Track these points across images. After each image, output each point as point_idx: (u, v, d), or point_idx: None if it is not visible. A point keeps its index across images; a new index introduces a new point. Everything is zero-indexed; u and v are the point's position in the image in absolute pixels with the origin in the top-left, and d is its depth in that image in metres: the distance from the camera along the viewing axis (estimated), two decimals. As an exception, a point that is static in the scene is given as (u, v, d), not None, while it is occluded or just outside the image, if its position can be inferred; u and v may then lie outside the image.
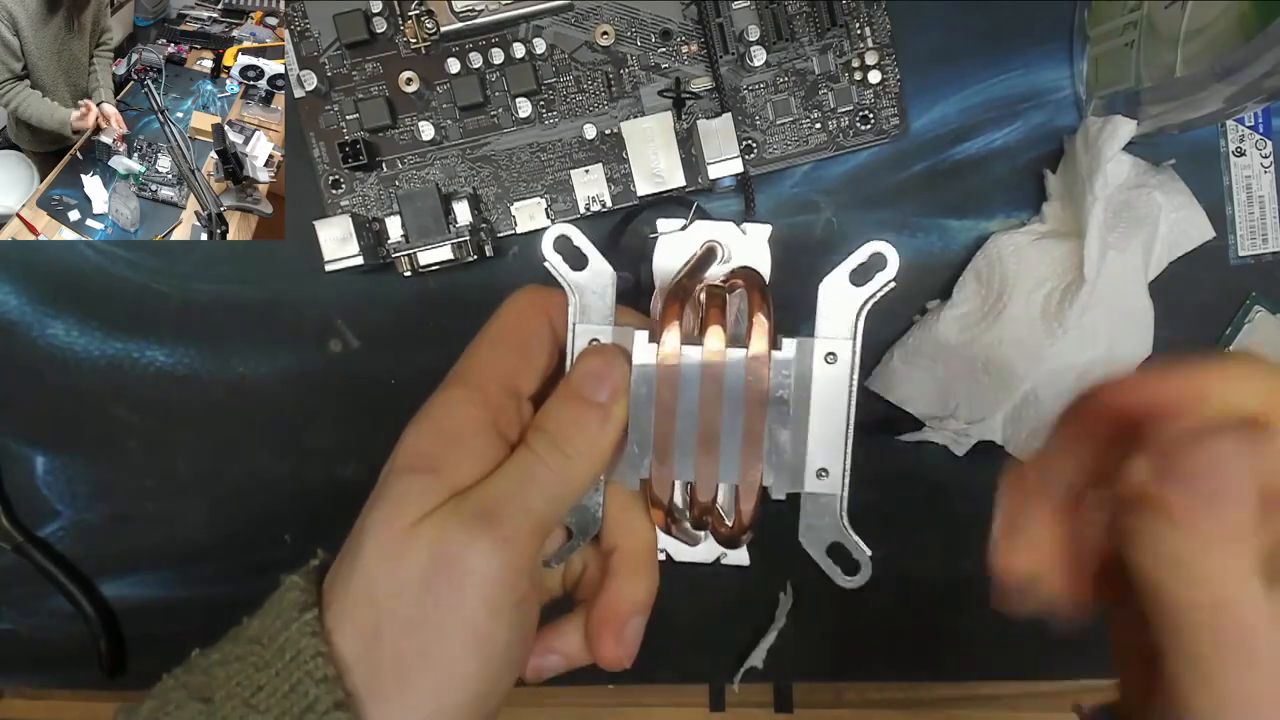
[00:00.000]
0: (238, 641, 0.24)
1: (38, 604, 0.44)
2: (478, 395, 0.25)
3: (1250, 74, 0.29)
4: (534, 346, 0.26)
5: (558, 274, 0.26)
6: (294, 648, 0.23)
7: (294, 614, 0.23)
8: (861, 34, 0.39)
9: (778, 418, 0.26)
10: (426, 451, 0.25)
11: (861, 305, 0.26)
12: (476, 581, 0.23)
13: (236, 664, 0.23)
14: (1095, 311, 0.37)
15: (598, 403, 0.25)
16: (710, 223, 0.28)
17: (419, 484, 0.24)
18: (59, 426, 0.43)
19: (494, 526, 0.23)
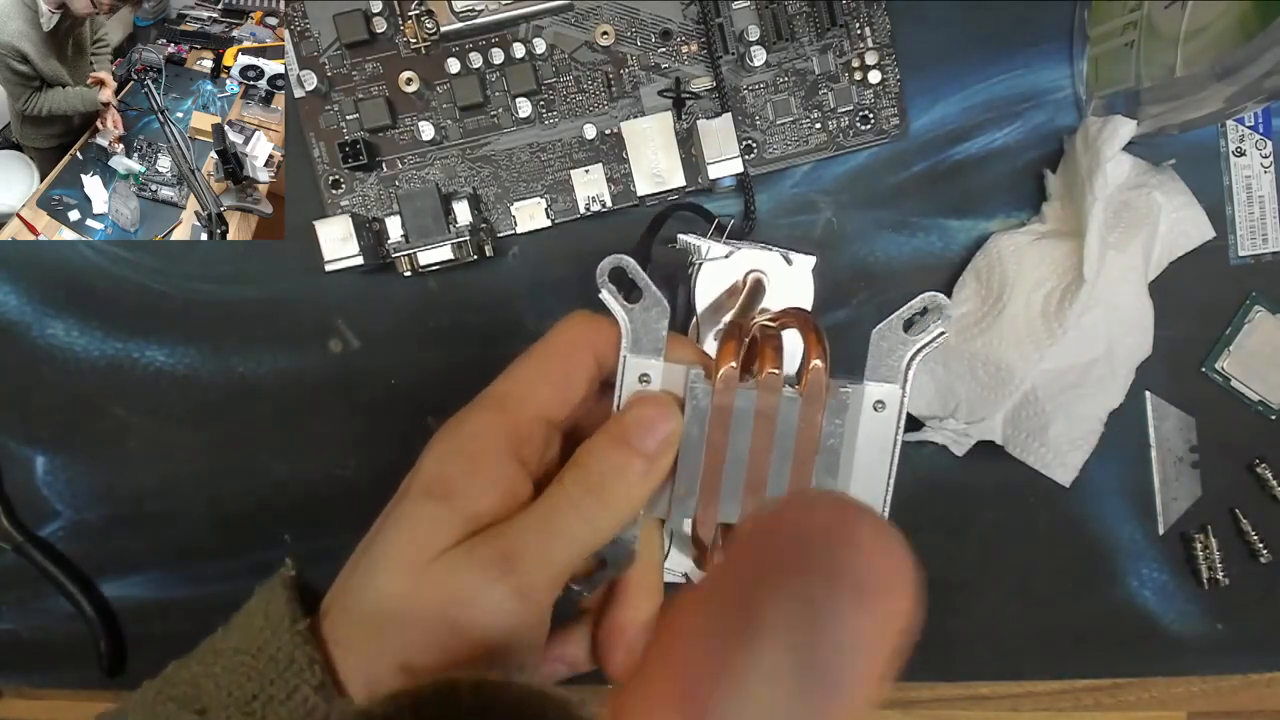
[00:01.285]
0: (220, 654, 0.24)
1: (38, 604, 0.44)
2: (508, 422, 0.25)
3: (1250, 74, 0.29)
4: (575, 378, 0.26)
5: (611, 305, 0.25)
6: (287, 657, 0.23)
7: (285, 624, 0.23)
8: (861, 34, 0.39)
9: (825, 466, 0.25)
10: (444, 476, 0.24)
11: (913, 355, 0.25)
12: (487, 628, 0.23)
13: (225, 675, 0.23)
14: (1095, 311, 0.37)
15: (645, 452, 0.24)
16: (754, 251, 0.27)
17: (433, 512, 0.24)
18: (59, 426, 0.43)
19: (511, 575, 0.23)
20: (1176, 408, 0.42)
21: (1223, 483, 0.42)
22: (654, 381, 0.25)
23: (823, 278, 0.40)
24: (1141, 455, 0.42)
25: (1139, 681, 0.44)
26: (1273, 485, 0.41)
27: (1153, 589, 0.43)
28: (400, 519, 0.24)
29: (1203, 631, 0.43)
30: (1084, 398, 0.38)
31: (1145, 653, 0.43)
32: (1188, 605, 0.43)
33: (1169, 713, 0.45)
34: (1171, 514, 0.42)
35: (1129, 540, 0.42)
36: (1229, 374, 0.41)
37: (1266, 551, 0.42)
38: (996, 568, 0.43)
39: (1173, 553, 0.43)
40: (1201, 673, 0.44)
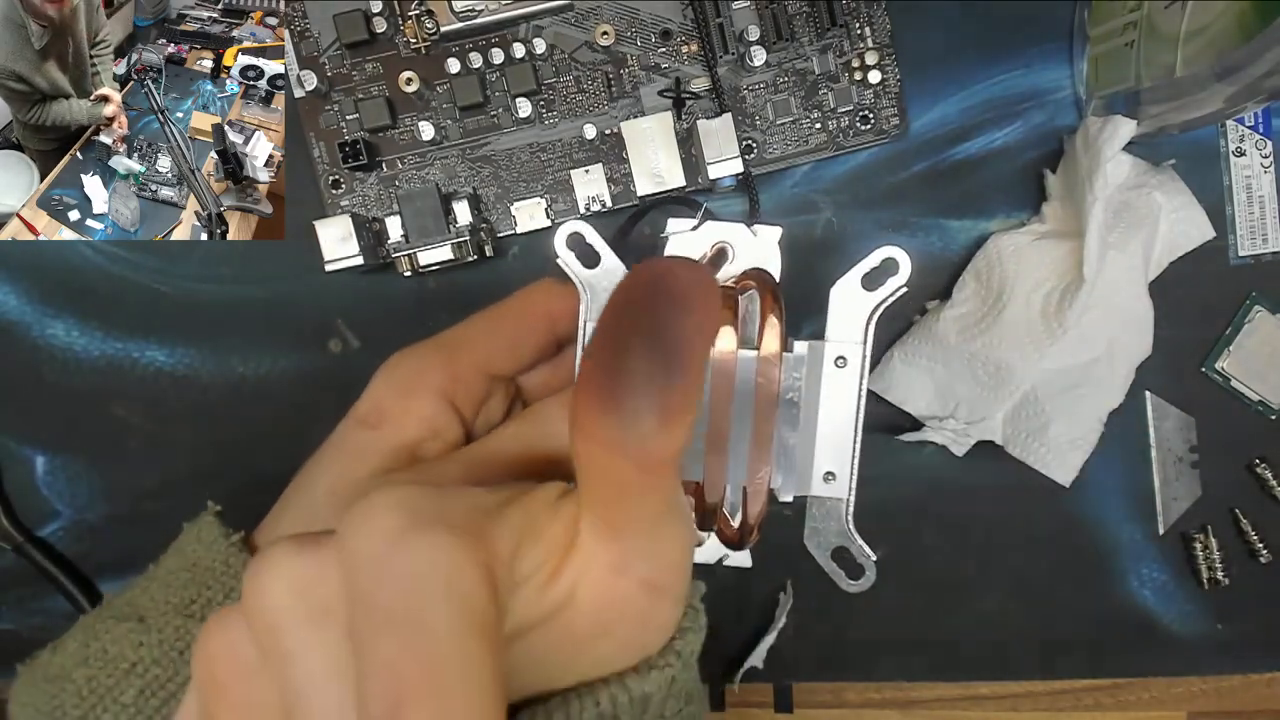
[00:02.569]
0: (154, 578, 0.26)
1: (38, 604, 0.44)
2: (448, 363, 0.26)
3: (1250, 74, 0.29)
4: (525, 337, 0.27)
5: (570, 271, 0.26)
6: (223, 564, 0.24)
7: (220, 540, 0.25)
8: (861, 34, 0.39)
9: (787, 420, 0.26)
10: (377, 406, 0.26)
11: (873, 310, 0.25)
12: None
13: (160, 590, 0.25)
14: (1095, 311, 0.37)
15: None
16: (720, 223, 0.28)
17: (362, 439, 0.25)
18: (59, 426, 0.43)
19: None
20: (1176, 408, 0.42)
21: (1223, 483, 0.42)
22: None
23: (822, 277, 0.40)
24: (1141, 455, 0.42)
25: (1139, 681, 0.44)
26: (1273, 485, 0.41)
27: (1153, 589, 0.43)
28: (334, 443, 0.26)
29: (1203, 631, 0.43)
30: (1084, 398, 0.38)
31: (1145, 653, 0.43)
32: (1188, 605, 0.43)
33: (1169, 713, 0.45)
34: (1171, 514, 0.42)
35: (1129, 540, 0.42)
36: (1229, 374, 0.41)
37: (1266, 551, 0.42)
38: (996, 568, 0.43)
39: (1173, 553, 0.43)
40: (1201, 673, 0.44)
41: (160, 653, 0.24)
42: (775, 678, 0.44)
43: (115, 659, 0.24)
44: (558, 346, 0.28)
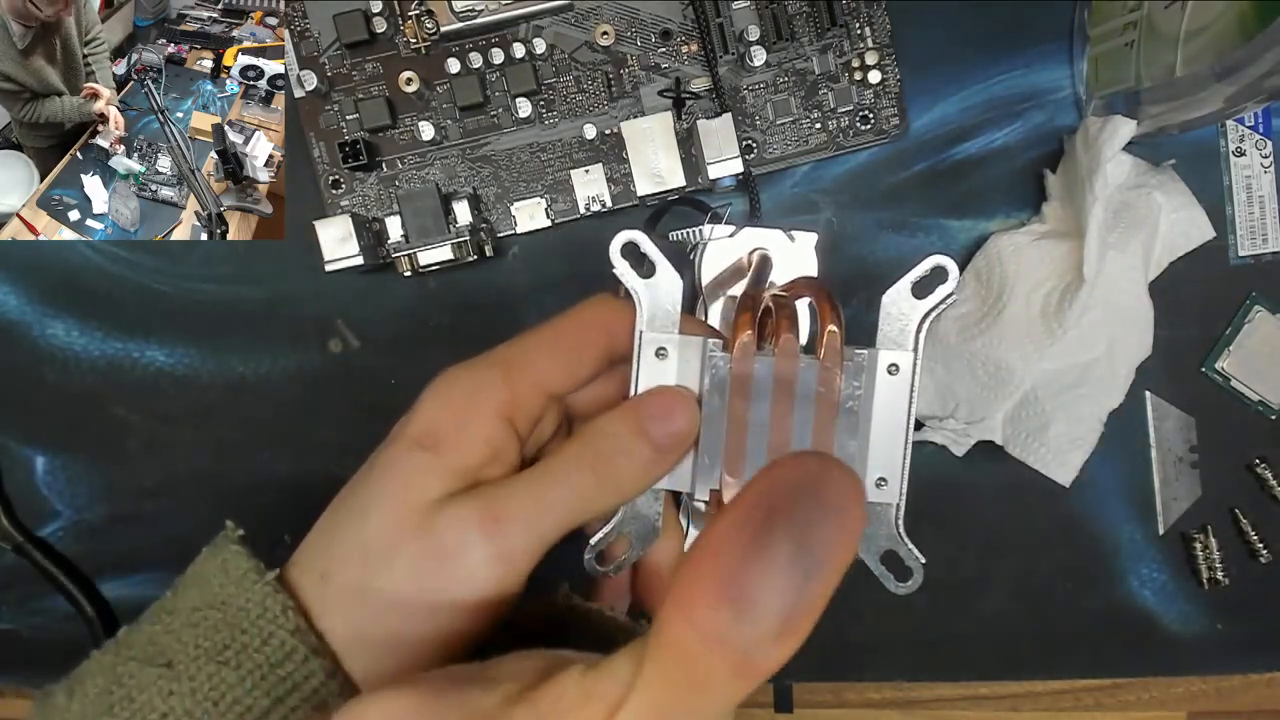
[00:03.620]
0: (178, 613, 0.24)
1: (38, 604, 0.44)
2: (506, 383, 0.25)
3: (1250, 74, 0.29)
4: (584, 355, 0.26)
5: (626, 280, 0.25)
6: (259, 606, 0.23)
7: (253, 577, 0.23)
8: (861, 34, 0.39)
9: (846, 428, 0.25)
10: (434, 427, 0.24)
11: (923, 318, 0.25)
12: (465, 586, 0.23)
13: (188, 630, 0.23)
14: (1095, 311, 0.37)
15: (655, 440, 0.24)
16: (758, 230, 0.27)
17: (423, 462, 0.24)
18: (59, 426, 0.43)
19: (495, 538, 0.23)
20: (1176, 408, 0.42)
21: (1223, 483, 0.42)
22: (670, 355, 0.25)
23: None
24: (1141, 455, 0.42)
25: (1139, 681, 0.44)
26: (1273, 485, 0.41)
27: (1153, 589, 0.43)
28: (388, 466, 0.25)
29: (1203, 631, 0.43)
30: (1084, 398, 0.38)
31: (1145, 653, 0.43)
32: (1188, 605, 0.43)
33: (1169, 713, 0.45)
34: (1171, 514, 0.42)
35: (1129, 540, 0.42)
36: (1229, 374, 0.41)
37: (1266, 551, 0.42)
38: (996, 568, 0.43)
39: (1173, 553, 0.43)
40: (1201, 673, 0.44)
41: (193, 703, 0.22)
42: (775, 678, 0.44)
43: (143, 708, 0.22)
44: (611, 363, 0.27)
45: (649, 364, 0.25)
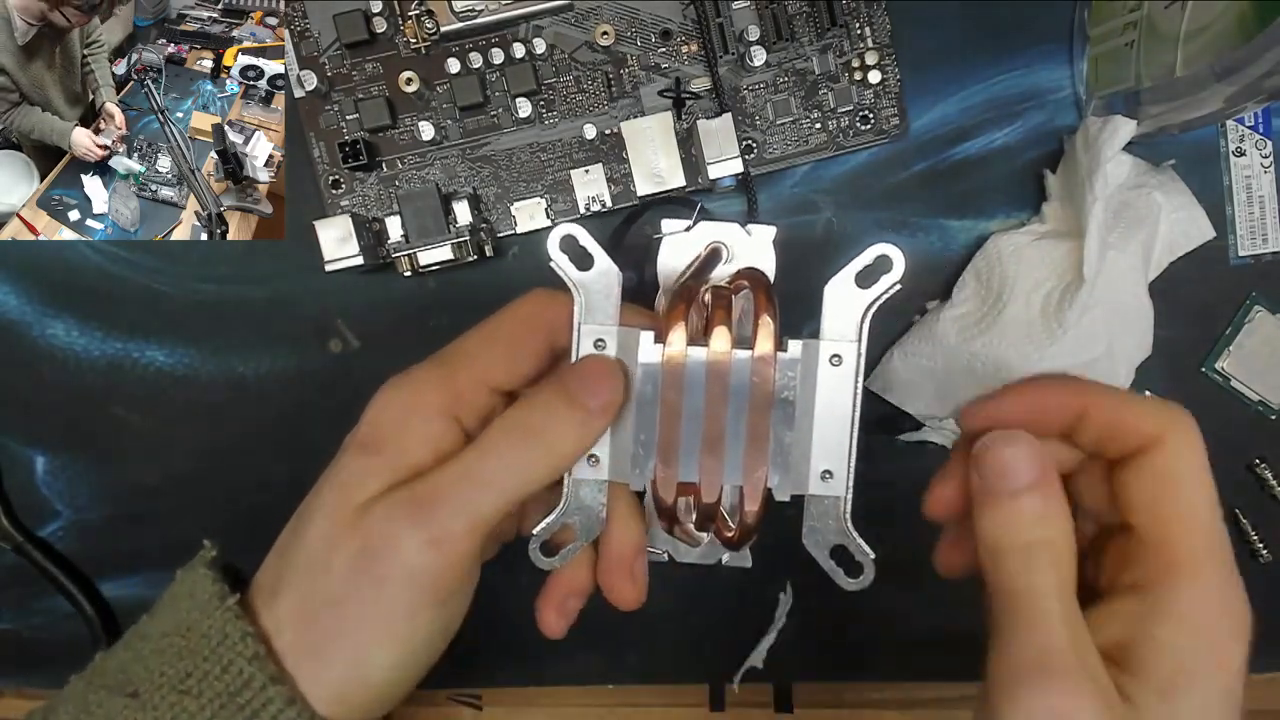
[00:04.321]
0: (146, 639, 0.24)
1: (38, 604, 0.44)
2: (446, 379, 0.25)
3: (1250, 74, 0.29)
4: (524, 348, 0.26)
5: (563, 273, 0.26)
6: (219, 633, 0.23)
7: (215, 603, 0.24)
8: (861, 34, 0.39)
9: (783, 419, 0.26)
10: (377, 429, 0.25)
11: (867, 307, 0.25)
12: (399, 578, 0.23)
13: (155, 658, 0.23)
14: (1095, 312, 0.37)
15: (584, 406, 0.25)
16: (715, 224, 0.27)
17: (364, 464, 0.24)
18: (59, 426, 0.43)
19: (425, 524, 0.23)
20: (1176, 408, 0.42)
21: (1223, 483, 0.41)
22: (608, 347, 0.26)
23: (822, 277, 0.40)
24: (1141, 455, 0.42)
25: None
26: (1273, 485, 0.41)
27: (1153, 589, 0.43)
28: (332, 473, 0.25)
29: (1203, 631, 0.43)
30: (1084, 398, 0.38)
31: (1145, 653, 0.43)
32: (1188, 605, 0.43)
33: (1169, 713, 0.45)
34: (1171, 514, 0.42)
35: (1129, 540, 0.42)
36: (1229, 374, 0.41)
37: (1266, 551, 0.42)
38: (996, 568, 0.43)
39: (1173, 553, 0.43)
40: (1201, 673, 0.44)
41: None
42: (775, 678, 0.44)
43: None
44: (555, 357, 0.27)
45: (587, 355, 0.26)
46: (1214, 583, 0.22)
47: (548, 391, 0.25)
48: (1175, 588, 0.22)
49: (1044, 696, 0.20)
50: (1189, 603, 0.22)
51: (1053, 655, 0.20)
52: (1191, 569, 0.22)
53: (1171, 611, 0.22)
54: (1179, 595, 0.22)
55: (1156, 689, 0.21)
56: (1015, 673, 0.21)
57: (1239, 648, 0.22)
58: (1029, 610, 0.21)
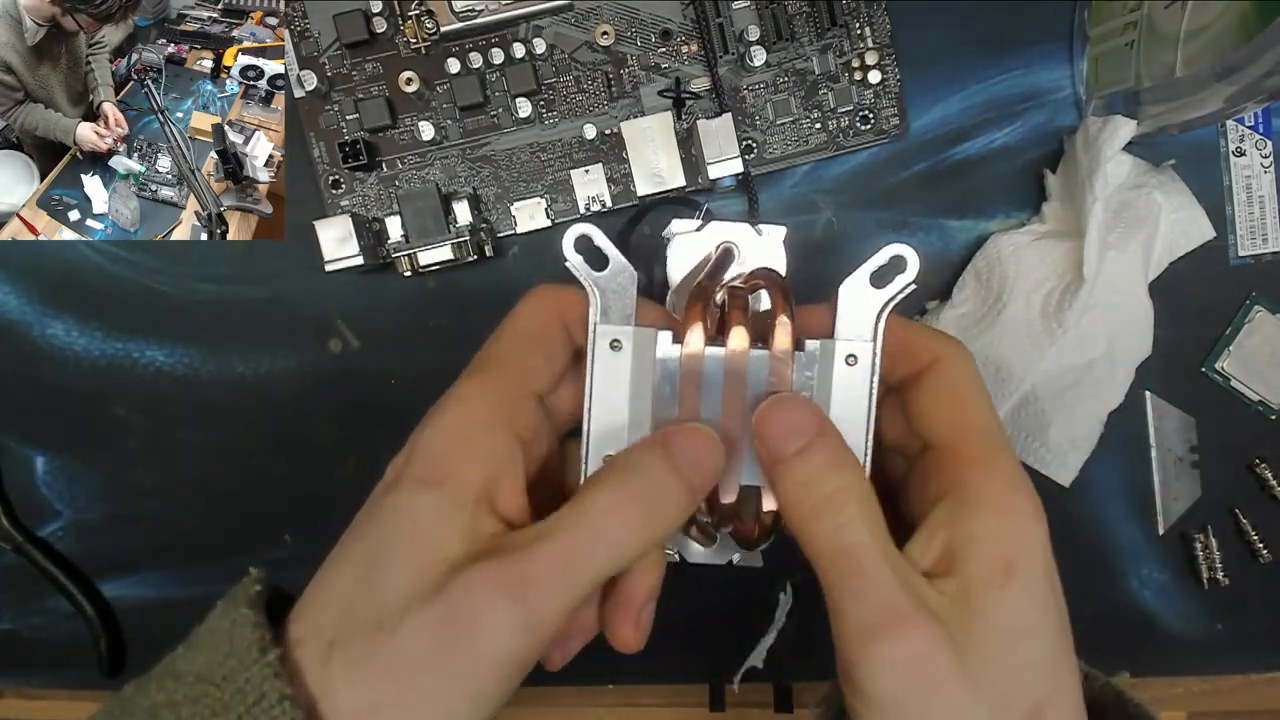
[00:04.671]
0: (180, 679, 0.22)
1: (38, 604, 0.44)
2: (493, 392, 0.24)
3: (1250, 74, 0.29)
4: (554, 348, 0.25)
5: (579, 274, 0.25)
6: (256, 691, 0.21)
7: (254, 654, 0.21)
8: (861, 34, 0.39)
9: None
10: (436, 457, 0.23)
11: (882, 307, 0.25)
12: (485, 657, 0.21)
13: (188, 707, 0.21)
14: (1095, 312, 0.37)
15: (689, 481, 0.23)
16: (725, 224, 0.27)
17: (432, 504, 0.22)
18: (59, 426, 0.43)
19: (521, 606, 0.21)
20: (1176, 408, 0.42)
21: (1223, 483, 0.42)
22: (625, 347, 0.25)
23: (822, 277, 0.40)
24: (1141, 455, 0.42)
25: (1139, 681, 0.44)
26: (1273, 485, 0.41)
27: (1153, 589, 0.43)
28: (395, 513, 0.23)
29: (1203, 631, 0.43)
30: (1084, 398, 0.38)
31: (1145, 653, 0.43)
32: (1188, 605, 0.43)
33: (1169, 713, 0.45)
34: (1171, 514, 0.42)
35: (1129, 540, 0.42)
36: (1229, 374, 0.41)
37: (1266, 551, 0.42)
38: (996, 568, 0.43)
39: (1173, 553, 0.43)
40: (1201, 673, 0.44)
41: None
42: (775, 678, 0.44)
43: None
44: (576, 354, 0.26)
45: (604, 356, 0.25)
46: (1007, 472, 0.23)
47: (653, 458, 0.23)
48: (975, 481, 0.23)
49: (894, 647, 0.21)
50: (993, 494, 0.23)
51: (890, 606, 0.21)
52: (986, 462, 0.23)
53: (978, 503, 0.22)
54: (980, 487, 0.23)
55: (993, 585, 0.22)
56: (861, 632, 0.22)
57: (1041, 524, 0.23)
58: (855, 567, 0.22)
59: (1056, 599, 0.23)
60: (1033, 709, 0.22)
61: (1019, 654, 0.22)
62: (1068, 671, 0.23)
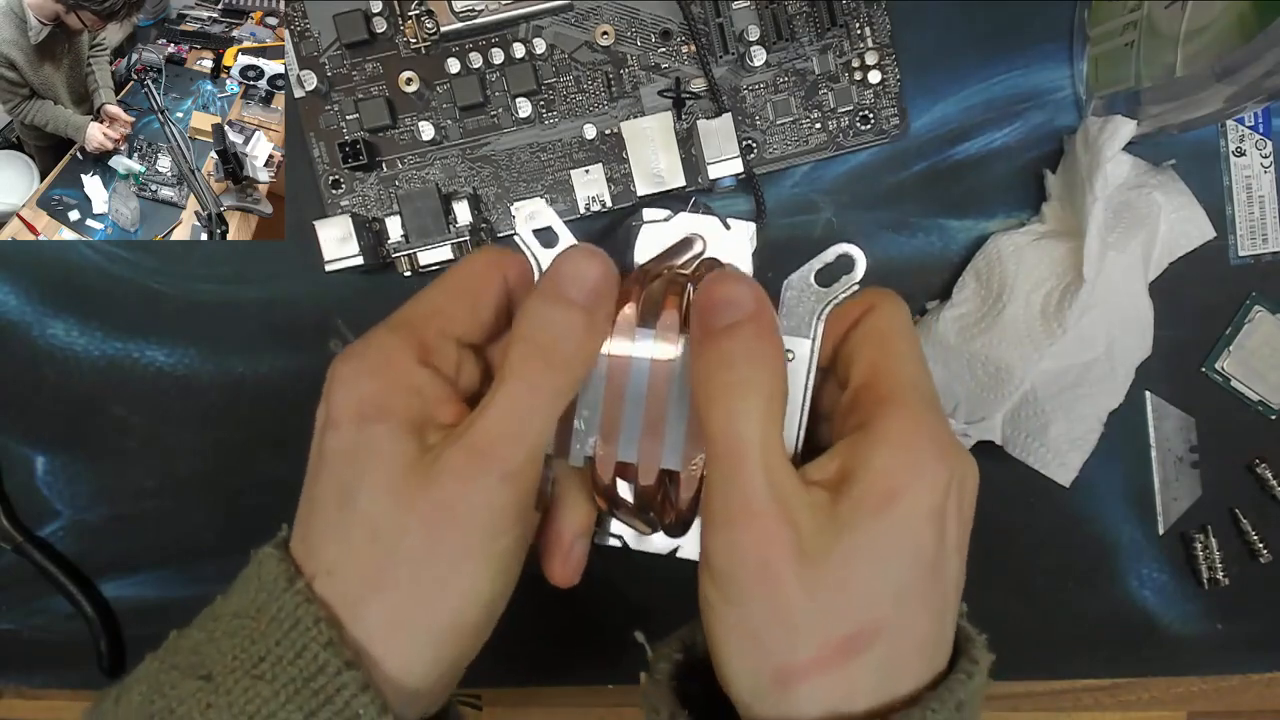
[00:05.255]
0: (219, 619, 0.24)
1: (38, 604, 0.44)
2: (410, 336, 0.25)
3: (1250, 74, 0.29)
4: (482, 300, 0.26)
5: (528, 249, 0.26)
6: (291, 617, 0.22)
7: (283, 584, 0.23)
8: (861, 34, 0.39)
9: None
10: (368, 397, 0.24)
11: (824, 307, 0.26)
12: (483, 519, 0.23)
13: (228, 640, 0.23)
14: (1095, 312, 0.37)
15: (581, 302, 0.24)
16: (695, 216, 0.28)
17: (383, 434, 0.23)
18: (59, 426, 0.43)
19: (495, 463, 0.23)
20: (1176, 408, 0.42)
21: (1223, 483, 0.42)
22: None
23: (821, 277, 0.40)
24: (1141, 455, 0.42)
25: (1139, 681, 0.44)
26: (1273, 485, 0.41)
27: (1153, 589, 0.43)
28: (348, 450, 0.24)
29: (1203, 631, 0.43)
30: (1084, 398, 0.38)
31: (1145, 653, 0.43)
32: (1188, 605, 0.43)
33: (1169, 713, 0.45)
34: (1171, 514, 0.42)
35: (1129, 540, 0.42)
36: (1229, 374, 0.41)
37: (1266, 551, 0.42)
38: (996, 568, 0.43)
39: (1173, 553, 0.43)
40: (1201, 673, 0.44)
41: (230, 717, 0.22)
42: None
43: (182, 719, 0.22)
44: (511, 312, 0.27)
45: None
46: (917, 412, 0.24)
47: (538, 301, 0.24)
48: (884, 417, 0.23)
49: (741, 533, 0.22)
50: (895, 429, 0.23)
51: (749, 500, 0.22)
52: (897, 401, 0.24)
53: (881, 437, 0.23)
54: (887, 424, 0.23)
55: (868, 507, 0.22)
56: (718, 517, 0.23)
57: (943, 469, 0.23)
58: (732, 457, 0.23)
59: (938, 541, 0.23)
60: (862, 629, 0.22)
61: (867, 576, 0.22)
62: (921, 607, 0.23)
